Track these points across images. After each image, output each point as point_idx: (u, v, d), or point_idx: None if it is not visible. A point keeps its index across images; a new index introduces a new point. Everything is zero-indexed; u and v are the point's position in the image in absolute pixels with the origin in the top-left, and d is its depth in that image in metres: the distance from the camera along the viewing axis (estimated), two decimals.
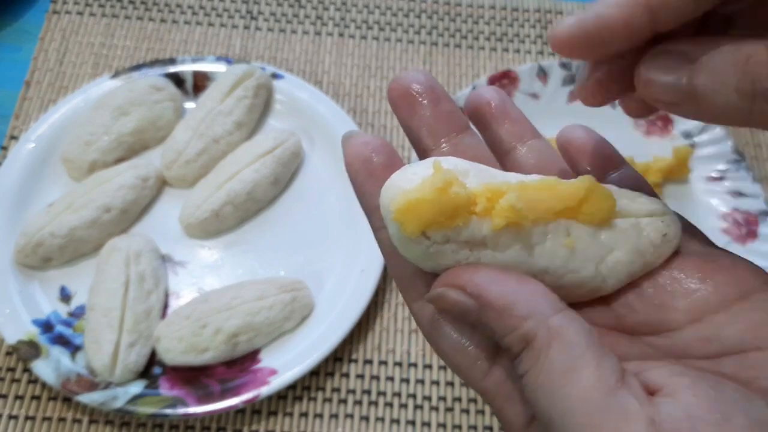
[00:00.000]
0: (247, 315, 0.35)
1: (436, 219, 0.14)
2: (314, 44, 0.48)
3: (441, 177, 0.14)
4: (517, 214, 0.14)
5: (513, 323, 0.13)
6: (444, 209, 0.14)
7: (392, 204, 0.14)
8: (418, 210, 0.14)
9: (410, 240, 0.14)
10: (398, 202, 0.14)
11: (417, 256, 0.14)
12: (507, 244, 0.14)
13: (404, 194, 0.14)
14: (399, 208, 0.14)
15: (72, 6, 0.48)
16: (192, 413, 0.33)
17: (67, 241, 0.37)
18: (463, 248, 0.14)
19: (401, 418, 0.36)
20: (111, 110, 0.40)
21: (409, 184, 0.14)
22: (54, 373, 0.33)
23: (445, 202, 0.14)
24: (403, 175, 0.14)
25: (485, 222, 0.14)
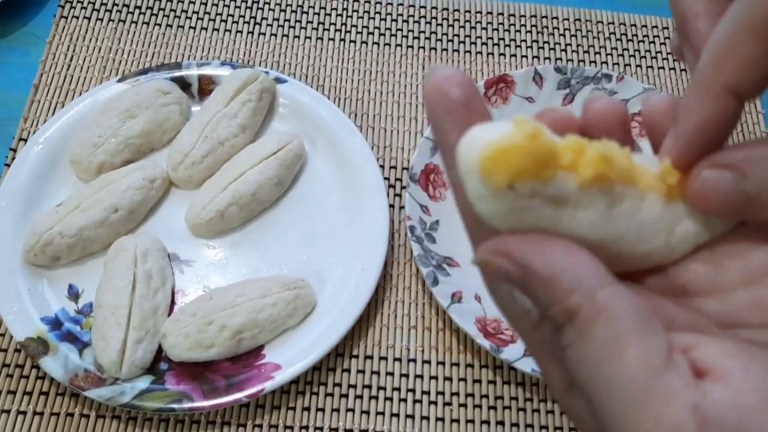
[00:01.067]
0: (251, 312, 0.36)
1: (527, 168, 0.13)
2: (316, 49, 0.49)
3: (528, 130, 0.13)
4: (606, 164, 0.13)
5: (558, 296, 0.13)
6: (535, 158, 0.13)
7: (479, 154, 0.12)
8: (510, 158, 0.12)
9: (495, 193, 0.13)
10: (486, 151, 0.12)
11: (498, 212, 0.13)
12: (589, 203, 0.14)
13: (492, 143, 0.12)
14: (488, 157, 0.12)
15: (80, 11, 0.49)
16: (197, 408, 0.34)
17: (75, 240, 0.37)
18: (545, 206, 0.13)
19: (401, 412, 0.37)
20: (118, 113, 0.41)
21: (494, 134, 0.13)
22: (62, 370, 0.34)
23: (537, 149, 0.13)
24: (485, 129, 0.13)
25: (571, 176, 0.13)
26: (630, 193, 0.14)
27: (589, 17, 0.53)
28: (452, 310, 0.37)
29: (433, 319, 0.40)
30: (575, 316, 0.12)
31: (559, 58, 0.51)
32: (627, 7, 0.54)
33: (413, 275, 0.41)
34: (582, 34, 0.53)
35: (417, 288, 0.41)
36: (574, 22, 0.53)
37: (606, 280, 0.13)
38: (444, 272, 0.39)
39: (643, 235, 0.14)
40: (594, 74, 0.47)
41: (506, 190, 0.13)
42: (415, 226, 0.40)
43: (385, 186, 0.41)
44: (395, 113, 0.47)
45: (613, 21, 0.53)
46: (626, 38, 0.53)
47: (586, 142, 0.14)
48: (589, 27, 0.53)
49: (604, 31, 0.53)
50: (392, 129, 0.47)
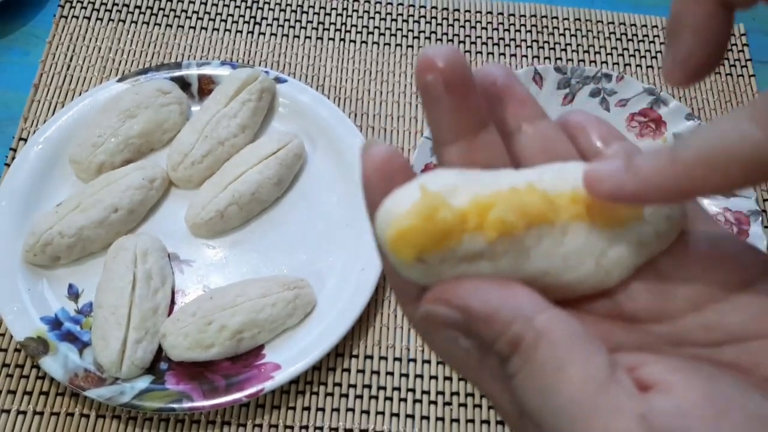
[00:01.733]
0: (251, 312, 0.36)
1: (427, 245, 0.14)
2: (316, 49, 0.49)
3: (428, 203, 0.13)
4: (506, 226, 0.14)
5: (499, 329, 0.13)
6: (434, 235, 0.13)
7: (386, 234, 0.14)
8: (409, 239, 0.13)
9: (409, 266, 0.14)
10: (390, 232, 0.14)
11: (417, 277, 0.14)
12: (504, 252, 0.14)
13: (394, 222, 0.14)
14: (391, 239, 0.14)
15: (80, 11, 0.49)
16: (197, 408, 0.34)
17: (75, 240, 0.37)
18: (461, 264, 0.14)
19: (401, 411, 0.37)
20: (118, 113, 0.41)
21: (399, 209, 0.14)
22: (62, 369, 0.34)
23: (433, 228, 0.13)
24: (392, 201, 0.14)
25: (478, 236, 0.14)
26: (548, 232, 0.15)
27: (589, 17, 0.53)
28: None
29: None
30: (518, 345, 0.13)
31: (559, 58, 0.51)
32: (627, 6, 0.54)
33: None
34: (582, 34, 0.53)
35: None
36: (574, 22, 0.53)
37: (542, 305, 0.13)
38: None
39: (569, 264, 0.15)
40: (594, 74, 0.47)
41: (416, 262, 0.14)
42: None
43: None
44: (395, 113, 0.47)
45: (613, 21, 0.53)
46: (626, 38, 0.53)
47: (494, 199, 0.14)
48: (589, 27, 0.53)
49: (604, 31, 0.53)
50: (392, 129, 0.47)
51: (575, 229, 0.15)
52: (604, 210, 0.15)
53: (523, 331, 0.13)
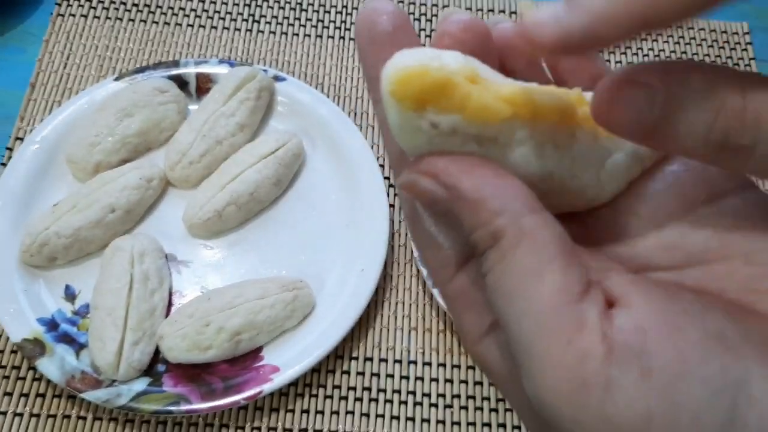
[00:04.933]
0: (249, 313, 0.35)
1: (436, 91, 0.12)
2: (315, 47, 0.49)
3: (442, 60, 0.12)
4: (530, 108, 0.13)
5: (484, 218, 0.12)
6: (443, 84, 0.12)
7: (390, 78, 0.12)
8: (417, 80, 0.12)
9: (413, 126, 0.12)
10: (396, 75, 0.12)
11: (419, 146, 0.13)
12: (518, 143, 0.13)
13: (403, 67, 0.12)
14: (396, 80, 0.12)
15: (76, 9, 0.49)
16: (195, 410, 0.34)
17: (71, 240, 0.37)
18: (471, 142, 0.13)
19: (401, 414, 0.37)
20: (115, 112, 0.41)
21: (410, 61, 0.12)
22: (59, 371, 0.34)
23: (444, 77, 0.12)
24: (406, 55, 0.13)
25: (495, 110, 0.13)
26: (561, 131, 0.14)
27: None
28: None
29: (434, 321, 0.40)
30: (499, 239, 0.12)
31: None
32: None
33: (414, 276, 0.41)
34: None
35: (417, 289, 0.40)
36: None
37: (534, 206, 0.12)
38: None
39: (575, 170, 0.14)
40: None
41: (425, 121, 0.12)
42: None
43: (385, 186, 0.41)
44: None
45: None
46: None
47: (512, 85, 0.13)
48: None
49: None
50: None
51: (582, 133, 0.14)
52: None
53: (507, 225, 0.12)
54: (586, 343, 0.11)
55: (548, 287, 0.12)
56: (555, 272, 0.12)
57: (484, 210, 0.12)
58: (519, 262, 0.12)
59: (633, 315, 0.12)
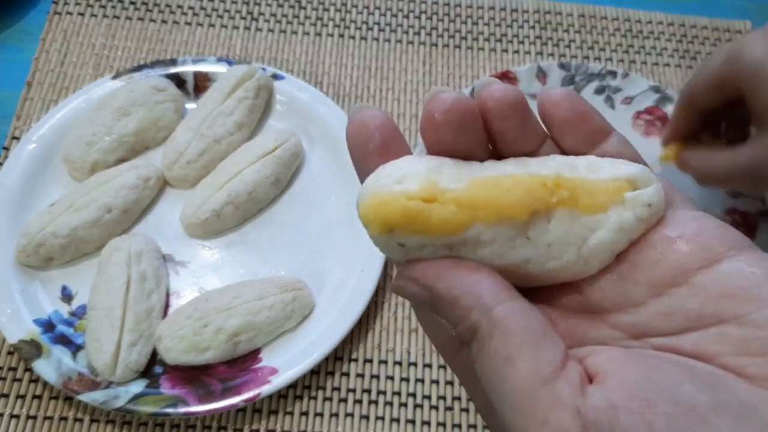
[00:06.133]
0: (247, 314, 0.35)
1: (398, 219, 0.14)
2: (314, 45, 0.49)
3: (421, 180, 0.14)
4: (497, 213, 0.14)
5: (460, 314, 0.14)
6: (404, 212, 0.14)
7: (360, 205, 0.14)
8: (381, 210, 0.14)
9: (386, 245, 0.14)
10: (364, 204, 0.14)
11: (396, 257, 0.15)
12: (488, 242, 0.14)
13: (371, 195, 0.14)
14: (365, 208, 0.14)
15: (73, 7, 0.48)
16: (193, 412, 0.33)
17: (68, 241, 0.37)
18: (443, 249, 0.14)
19: (401, 416, 0.36)
20: (112, 111, 0.40)
21: (382, 187, 0.14)
22: (55, 373, 0.33)
23: (406, 206, 0.14)
24: (376, 178, 0.14)
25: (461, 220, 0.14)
26: (535, 219, 0.15)
27: (593, 13, 0.53)
28: None
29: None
30: (476, 332, 0.14)
31: (563, 55, 0.50)
32: (632, 3, 0.53)
33: None
34: (586, 30, 0.52)
35: None
36: (578, 18, 0.52)
37: (503, 295, 0.14)
38: None
39: (552, 252, 0.15)
40: (598, 71, 0.46)
41: (395, 243, 0.14)
42: None
43: None
44: (395, 111, 0.46)
45: (617, 17, 0.52)
46: (631, 35, 0.52)
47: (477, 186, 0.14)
48: (594, 23, 0.52)
49: (608, 28, 0.52)
50: None
51: (559, 215, 0.15)
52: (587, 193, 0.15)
53: (479, 318, 0.13)
54: (561, 421, 0.12)
55: (521, 372, 0.13)
56: (525, 358, 0.13)
57: (459, 308, 0.14)
58: (493, 351, 0.13)
59: (606, 392, 0.12)
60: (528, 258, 0.15)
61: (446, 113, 0.14)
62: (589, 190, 0.15)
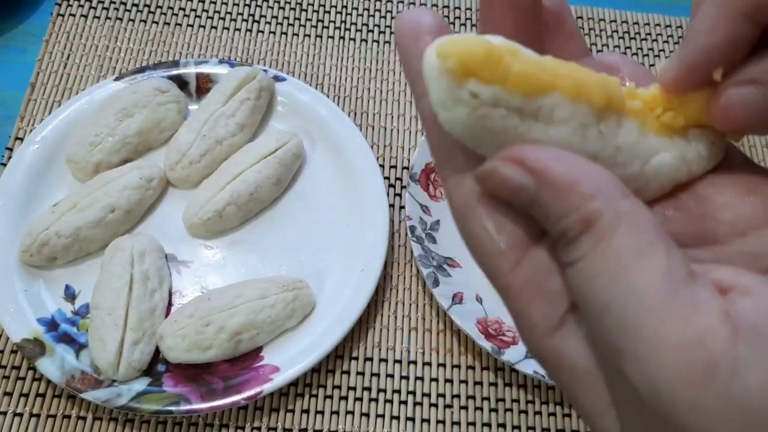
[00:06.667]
0: (249, 313, 0.35)
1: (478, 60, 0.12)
2: (315, 47, 0.49)
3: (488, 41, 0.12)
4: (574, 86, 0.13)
5: (576, 202, 0.12)
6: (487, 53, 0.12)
7: (435, 47, 0.12)
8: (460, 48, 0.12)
9: (455, 97, 0.12)
10: (441, 44, 0.12)
11: (460, 119, 0.13)
12: (561, 120, 0.13)
13: (449, 39, 0.12)
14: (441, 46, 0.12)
15: (77, 9, 0.49)
16: (195, 410, 0.33)
17: (71, 240, 0.37)
18: (514, 115, 0.13)
19: (401, 414, 0.37)
20: (115, 112, 0.41)
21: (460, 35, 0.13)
22: (59, 371, 0.34)
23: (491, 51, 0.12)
24: (451, 36, 0.13)
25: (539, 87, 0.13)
26: (606, 116, 0.14)
27: (591, 15, 0.53)
28: (453, 311, 0.37)
29: (434, 321, 0.40)
30: (593, 224, 0.12)
31: None
32: (630, 5, 0.54)
33: (413, 276, 0.41)
34: (584, 32, 0.52)
35: (417, 289, 0.40)
36: (577, 20, 0.52)
37: (626, 191, 0.12)
38: (445, 273, 0.39)
39: (618, 159, 0.14)
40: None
41: (466, 93, 0.12)
42: (416, 226, 0.40)
43: (385, 185, 0.41)
44: (395, 112, 0.47)
45: (615, 19, 0.53)
46: (629, 36, 0.52)
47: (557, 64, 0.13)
48: (592, 25, 0.52)
49: (606, 29, 0.52)
50: (392, 128, 0.46)
51: (628, 125, 0.14)
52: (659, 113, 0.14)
53: (602, 209, 0.12)
54: (707, 322, 0.11)
55: (655, 268, 0.11)
56: (660, 254, 0.11)
57: (576, 194, 0.12)
58: (619, 244, 0.11)
59: (757, 299, 0.11)
60: (596, 154, 0.13)
61: None
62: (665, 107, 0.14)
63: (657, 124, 0.15)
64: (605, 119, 0.14)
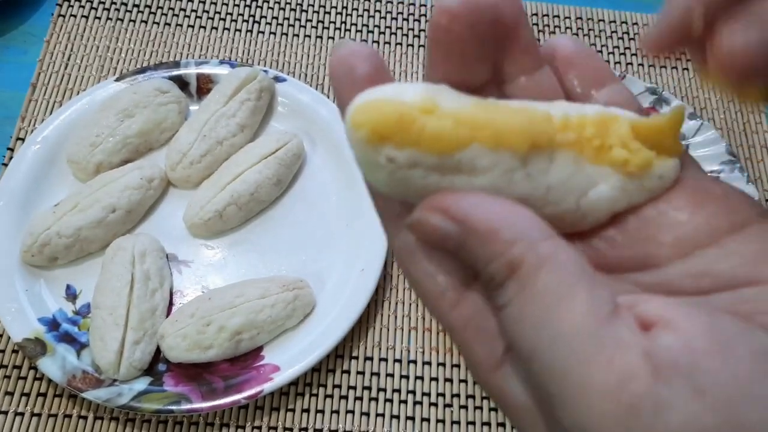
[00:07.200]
0: (250, 313, 0.35)
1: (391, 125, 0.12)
2: (316, 48, 0.49)
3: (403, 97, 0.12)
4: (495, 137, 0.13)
5: (498, 248, 0.12)
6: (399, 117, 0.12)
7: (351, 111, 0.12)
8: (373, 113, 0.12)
9: (373, 161, 0.13)
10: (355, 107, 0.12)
11: (383, 181, 0.13)
12: (484, 170, 0.13)
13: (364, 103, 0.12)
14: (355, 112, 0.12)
15: (78, 9, 0.49)
16: (196, 409, 0.34)
17: (72, 240, 0.37)
18: (433, 173, 0.13)
19: (401, 413, 0.37)
20: (116, 112, 0.41)
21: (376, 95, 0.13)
22: (60, 371, 0.34)
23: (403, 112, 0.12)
24: (369, 92, 0.13)
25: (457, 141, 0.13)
26: (536, 155, 0.13)
27: (590, 15, 0.53)
28: None
29: (434, 320, 0.40)
30: (517, 269, 0.12)
31: None
32: (629, 5, 0.54)
33: None
34: (583, 33, 0.52)
35: None
36: (576, 21, 0.53)
37: (548, 232, 0.12)
38: None
39: (550, 197, 0.14)
40: None
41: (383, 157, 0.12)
42: None
43: None
44: None
45: (614, 19, 0.53)
46: (628, 37, 0.52)
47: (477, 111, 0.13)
48: (591, 25, 0.53)
49: (605, 30, 0.53)
50: None
51: (562, 159, 0.14)
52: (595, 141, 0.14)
53: (524, 253, 0.12)
54: (629, 363, 0.11)
55: (577, 310, 0.11)
56: (582, 294, 0.11)
57: (498, 241, 0.12)
58: (542, 288, 0.12)
59: (678, 334, 0.11)
60: (526, 197, 0.13)
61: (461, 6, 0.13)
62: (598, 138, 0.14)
63: (594, 153, 0.14)
64: (532, 161, 0.13)
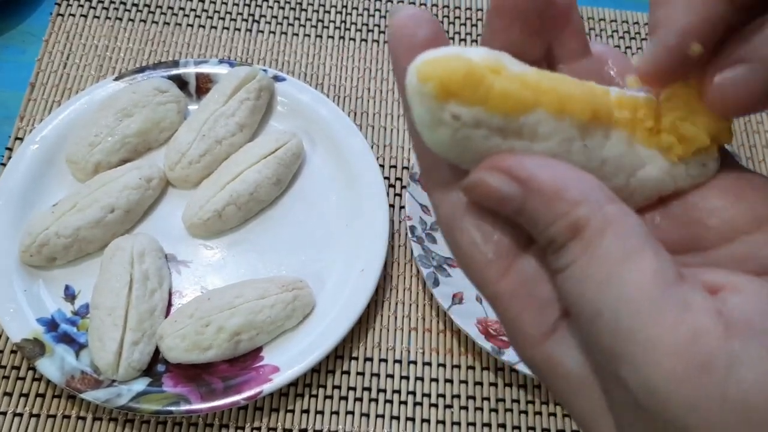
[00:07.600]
0: (249, 313, 0.35)
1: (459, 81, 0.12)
2: (315, 47, 0.49)
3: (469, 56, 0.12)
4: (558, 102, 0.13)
5: (563, 209, 0.12)
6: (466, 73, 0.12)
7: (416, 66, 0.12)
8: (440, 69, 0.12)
9: (436, 118, 0.12)
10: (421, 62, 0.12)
11: (443, 140, 0.13)
12: (545, 137, 0.13)
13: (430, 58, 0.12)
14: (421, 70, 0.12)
15: (76, 8, 0.49)
16: (195, 410, 0.33)
17: (71, 240, 0.37)
18: (496, 135, 0.13)
19: (401, 414, 0.37)
20: (115, 112, 0.41)
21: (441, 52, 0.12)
22: (58, 371, 0.34)
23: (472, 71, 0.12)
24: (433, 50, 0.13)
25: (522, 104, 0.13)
26: (594, 129, 0.14)
27: (591, 15, 0.53)
28: (453, 311, 0.37)
29: (434, 321, 0.40)
30: (581, 230, 0.12)
31: None
32: (630, 4, 0.54)
33: (413, 276, 0.41)
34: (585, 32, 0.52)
35: (417, 289, 0.40)
36: None
37: (614, 197, 0.12)
38: (445, 273, 0.39)
39: (604, 171, 0.14)
40: None
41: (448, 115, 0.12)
42: (416, 226, 0.40)
43: (385, 185, 0.41)
44: (395, 112, 0.47)
45: (616, 18, 0.53)
46: (629, 36, 0.52)
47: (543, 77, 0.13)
48: (592, 24, 0.52)
49: (606, 29, 0.52)
50: (392, 128, 0.46)
51: (616, 136, 0.14)
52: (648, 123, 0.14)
53: (590, 214, 0.12)
54: (699, 321, 0.11)
55: (645, 271, 0.11)
56: (648, 257, 0.11)
57: (563, 201, 0.12)
58: (608, 249, 0.12)
59: (750, 297, 0.11)
60: (581, 167, 0.13)
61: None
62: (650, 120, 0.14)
63: (645, 135, 0.14)
64: (591, 133, 0.14)
